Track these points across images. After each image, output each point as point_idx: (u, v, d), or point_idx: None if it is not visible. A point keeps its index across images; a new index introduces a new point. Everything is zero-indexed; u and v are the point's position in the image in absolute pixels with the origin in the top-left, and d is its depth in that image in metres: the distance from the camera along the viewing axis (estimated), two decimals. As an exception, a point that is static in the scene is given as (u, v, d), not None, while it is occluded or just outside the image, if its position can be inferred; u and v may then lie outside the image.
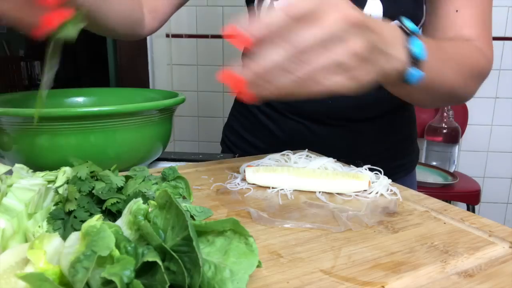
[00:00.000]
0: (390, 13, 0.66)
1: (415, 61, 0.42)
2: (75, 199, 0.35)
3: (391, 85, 0.48)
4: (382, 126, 0.75)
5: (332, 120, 0.73)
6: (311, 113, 0.73)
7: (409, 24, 0.43)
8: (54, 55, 0.44)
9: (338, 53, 0.35)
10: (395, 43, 0.41)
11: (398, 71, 0.41)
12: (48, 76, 0.44)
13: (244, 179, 0.51)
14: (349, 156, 0.70)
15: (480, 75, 0.58)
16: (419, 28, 0.71)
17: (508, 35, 1.93)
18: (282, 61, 0.35)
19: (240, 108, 0.85)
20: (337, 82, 0.36)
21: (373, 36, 0.37)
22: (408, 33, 0.43)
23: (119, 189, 0.39)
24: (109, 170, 0.42)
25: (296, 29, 0.35)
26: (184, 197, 0.45)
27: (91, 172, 0.40)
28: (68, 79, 4.92)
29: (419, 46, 0.42)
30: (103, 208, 0.36)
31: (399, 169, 0.77)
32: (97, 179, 0.40)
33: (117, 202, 0.36)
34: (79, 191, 0.37)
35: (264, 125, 0.79)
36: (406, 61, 0.42)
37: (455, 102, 0.62)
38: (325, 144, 0.73)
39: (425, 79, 0.44)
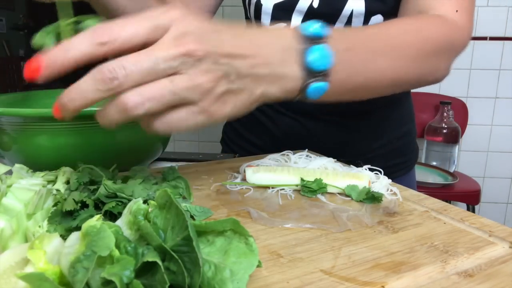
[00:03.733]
0: (372, 7, 0.66)
1: (316, 73, 0.36)
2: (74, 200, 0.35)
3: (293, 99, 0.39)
4: (376, 122, 0.75)
5: (325, 116, 0.73)
6: (304, 109, 0.74)
7: (310, 29, 0.37)
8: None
9: (169, 87, 0.30)
10: (282, 61, 0.35)
11: (294, 89, 0.36)
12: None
13: (244, 179, 0.51)
14: (344, 152, 0.70)
15: (447, 50, 0.51)
16: None
17: (508, 35, 1.93)
18: (92, 83, 0.30)
19: None
20: (180, 119, 0.32)
21: (236, 63, 0.33)
22: (309, 41, 0.36)
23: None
24: (109, 171, 0.42)
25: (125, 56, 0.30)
26: (184, 197, 0.45)
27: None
28: (68, 79, 4.92)
29: (321, 54, 0.36)
30: (103, 210, 0.36)
31: (396, 167, 0.77)
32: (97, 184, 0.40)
33: (117, 205, 0.36)
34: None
35: (261, 122, 0.79)
36: (302, 77, 0.36)
37: (419, 85, 0.53)
38: (320, 141, 0.74)
39: (348, 82, 0.40)
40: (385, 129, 0.76)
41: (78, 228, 0.33)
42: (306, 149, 0.63)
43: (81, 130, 0.52)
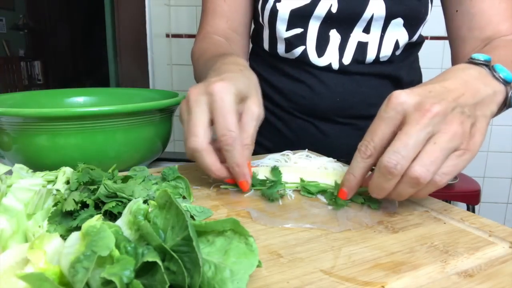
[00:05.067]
0: (393, 11, 0.66)
1: (507, 83, 0.44)
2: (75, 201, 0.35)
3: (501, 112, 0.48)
4: None
5: (340, 118, 0.73)
6: (319, 112, 0.73)
7: (480, 56, 0.45)
8: None
9: (443, 143, 0.37)
10: (485, 84, 0.42)
11: (502, 100, 0.43)
12: None
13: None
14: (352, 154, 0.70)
15: None
16: (423, 25, 0.71)
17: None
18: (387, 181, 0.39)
19: None
20: (454, 165, 0.38)
21: (460, 100, 0.39)
22: (487, 64, 0.44)
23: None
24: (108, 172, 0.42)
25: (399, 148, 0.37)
26: (184, 197, 0.45)
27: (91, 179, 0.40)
28: (68, 79, 4.92)
29: (502, 69, 0.44)
30: (102, 210, 0.36)
31: None
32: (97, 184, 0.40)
33: (117, 205, 0.36)
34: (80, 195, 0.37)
35: (272, 124, 0.79)
36: (505, 89, 0.43)
37: None
38: (333, 143, 0.73)
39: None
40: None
41: (78, 228, 0.33)
42: (306, 149, 0.63)
43: (81, 130, 0.52)
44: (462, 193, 1.73)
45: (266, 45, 0.76)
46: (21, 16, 4.74)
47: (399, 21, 0.67)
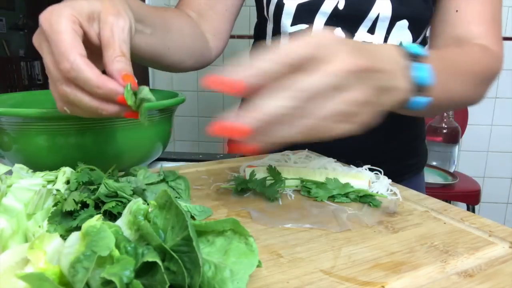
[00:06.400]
0: (399, 11, 0.66)
1: (420, 88, 0.39)
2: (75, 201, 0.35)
3: (395, 111, 0.43)
4: (390, 126, 0.74)
5: None
6: None
7: (413, 48, 0.40)
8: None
9: (340, 103, 0.33)
10: (396, 74, 0.37)
11: (400, 101, 0.38)
12: None
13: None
14: (357, 155, 0.69)
15: (490, 78, 0.57)
16: (426, 29, 0.71)
17: (508, 35, 1.93)
18: (284, 111, 0.32)
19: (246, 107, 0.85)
20: (340, 129, 0.35)
21: (376, 76, 0.35)
22: (412, 58, 0.39)
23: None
24: (109, 172, 0.42)
25: (295, 77, 0.32)
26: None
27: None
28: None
29: (425, 71, 0.39)
30: (102, 210, 0.36)
31: (407, 169, 0.77)
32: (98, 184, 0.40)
33: (117, 205, 0.36)
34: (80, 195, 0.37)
35: None
36: (409, 90, 0.39)
37: (464, 107, 0.62)
38: (333, 143, 0.73)
39: (433, 101, 0.42)
40: (398, 132, 0.75)
41: (78, 228, 0.33)
42: (306, 149, 0.63)
43: (81, 130, 0.52)
44: (462, 193, 1.73)
45: (268, 41, 0.75)
46: (21, 16, 4.74)
47: (404, 23, 0.67)
